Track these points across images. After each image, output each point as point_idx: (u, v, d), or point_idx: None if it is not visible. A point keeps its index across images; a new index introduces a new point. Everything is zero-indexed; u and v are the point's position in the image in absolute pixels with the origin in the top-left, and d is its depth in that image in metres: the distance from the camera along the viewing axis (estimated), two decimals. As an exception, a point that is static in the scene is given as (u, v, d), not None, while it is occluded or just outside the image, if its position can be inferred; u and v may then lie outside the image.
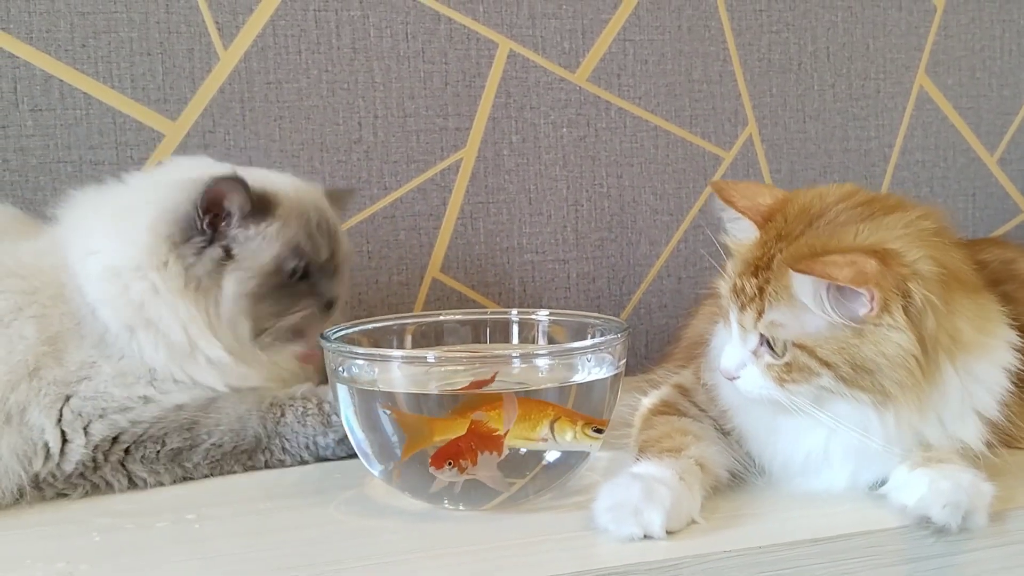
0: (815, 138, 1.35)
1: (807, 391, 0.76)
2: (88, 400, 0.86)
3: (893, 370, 0.74)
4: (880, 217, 0.78)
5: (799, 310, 0.75)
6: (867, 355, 0.74)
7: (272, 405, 0.92)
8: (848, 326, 0.74)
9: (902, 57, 1.37)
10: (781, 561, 0.73)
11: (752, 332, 0.78)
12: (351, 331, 0.88)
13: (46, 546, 0.76)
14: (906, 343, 0.74)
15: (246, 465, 0.91)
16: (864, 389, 0.75)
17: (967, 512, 0.74)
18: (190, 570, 0.71)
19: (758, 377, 0.77)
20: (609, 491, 0.75)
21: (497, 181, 1.25)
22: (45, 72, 1.09)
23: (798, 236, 0.78)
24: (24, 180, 1.09)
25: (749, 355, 0.78)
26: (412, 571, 0.69)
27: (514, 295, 1.26)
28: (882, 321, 0.74)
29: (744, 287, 0.78)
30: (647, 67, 1.28)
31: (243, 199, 0.92)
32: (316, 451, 0.92)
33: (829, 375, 0.75)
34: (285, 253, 0.94)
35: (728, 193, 0.84)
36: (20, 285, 0.89)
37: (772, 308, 0.76)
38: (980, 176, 1.43)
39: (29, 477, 0.84)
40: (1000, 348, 0.80)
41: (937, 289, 0.75)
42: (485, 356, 0.87)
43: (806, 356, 0.75)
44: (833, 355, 0.74)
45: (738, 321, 0.79)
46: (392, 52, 1.19)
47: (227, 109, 1.14)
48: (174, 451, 0.88)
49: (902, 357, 0.74)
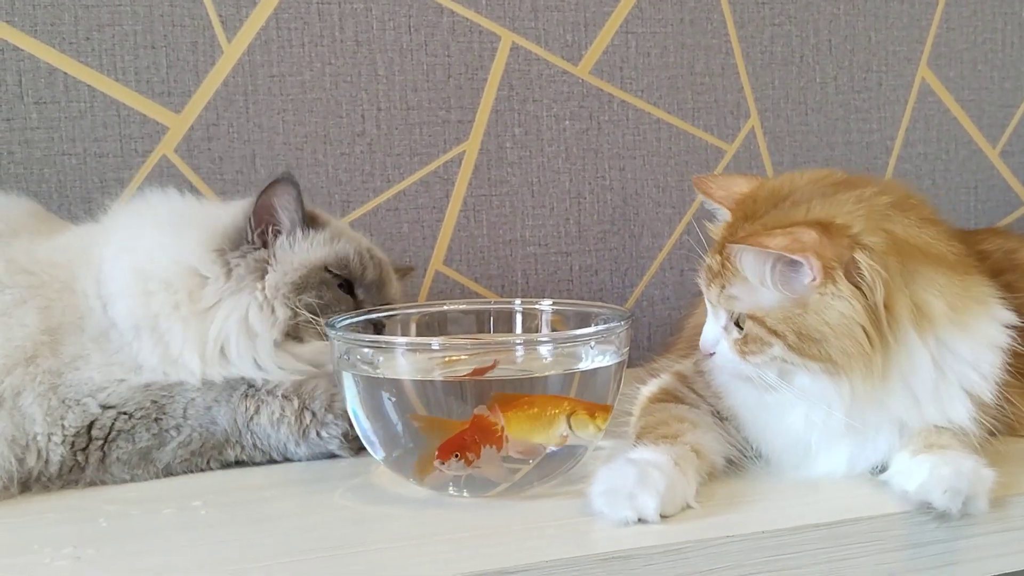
0: (817, 131, 1.35)
1: (767, 363, 0.78)
2: (71, 387, 0.87)
3: (838, 339, 0.76)
4: (836, 194, 0.81)
5: (749, 283, 0.78)
6: (811, 324, 0.76)
7: (245, 397, 0.90)
8: (793, 297, 0.76)
9: (904, 50, 1.38)
10: (784, 546, 0.73)
11: (719, 308, 0.81)
12: (356, 320, 0.88)
13: (53, 531, 0.77)
14: (849, 311, 0.75)
15: (218, 460, 0.89)
16: (813, 358, 0.77)
17: (968, 498, 0.74)
18: (196, 556, 0.71)
19: (728, 352, 0.80)
20: (604, 476, 0.76)
21: (500, 174, 1.25)
22: (49, 65, 1.09)
23: (762, 216, 0.81)
24: (29, 173, 1.10)
25: (721, 331, 0.81)
26: (416, 556, 0.70)
27: (517, 288, 1.27)
28: (825, 291, 0.75)
29: (711, 265, 0.82)
30: (649, 60, 1.28)
31: (295, 203, 0.94)
32: (285, 455, 0.91)
33: (779, 344, 0.77)
34: (332, 260, 0.95)
35: (706, 185, 0.88)
36: (28, 280, 0.90)
37: (731, 283, 0.79)
38: (982, 168, 1.43)
39: (22, 473, 0.84)
40: (987, 326, 0.81)
41: (888, 261, 0.77)
42: (489, 343, 0.87)
43: (757, 326, 0.78)
44: (780, 324, 0.77)
45: (707, 298, 0.82)
46: (395, 45, 1.19)
47: (231, 102, 1.14)
48: (143, 449, 0.87)
49: (846, 326, 0.75)
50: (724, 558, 0.71)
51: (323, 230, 0.96)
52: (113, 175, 1.11)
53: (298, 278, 0.93)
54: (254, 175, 1.15)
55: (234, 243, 0.93)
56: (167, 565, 0.70)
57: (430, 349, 0.82)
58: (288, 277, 0.93)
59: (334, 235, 0.97)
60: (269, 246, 0.94)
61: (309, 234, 0.95)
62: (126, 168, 1.12)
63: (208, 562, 0.70)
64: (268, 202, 0.94)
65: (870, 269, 0.75)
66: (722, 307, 0.80)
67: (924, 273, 0.78)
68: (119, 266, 0.91)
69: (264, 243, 0.94)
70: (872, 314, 0.76)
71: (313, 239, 0.95)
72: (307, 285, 0.93)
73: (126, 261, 0.91)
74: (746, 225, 0.81)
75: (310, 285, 0.93)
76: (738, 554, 0.72)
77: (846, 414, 0.78)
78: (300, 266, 0.94)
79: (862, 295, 0.75)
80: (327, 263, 0.95)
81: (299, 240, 0.95)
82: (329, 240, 0.96)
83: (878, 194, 0.81)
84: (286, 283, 0.92)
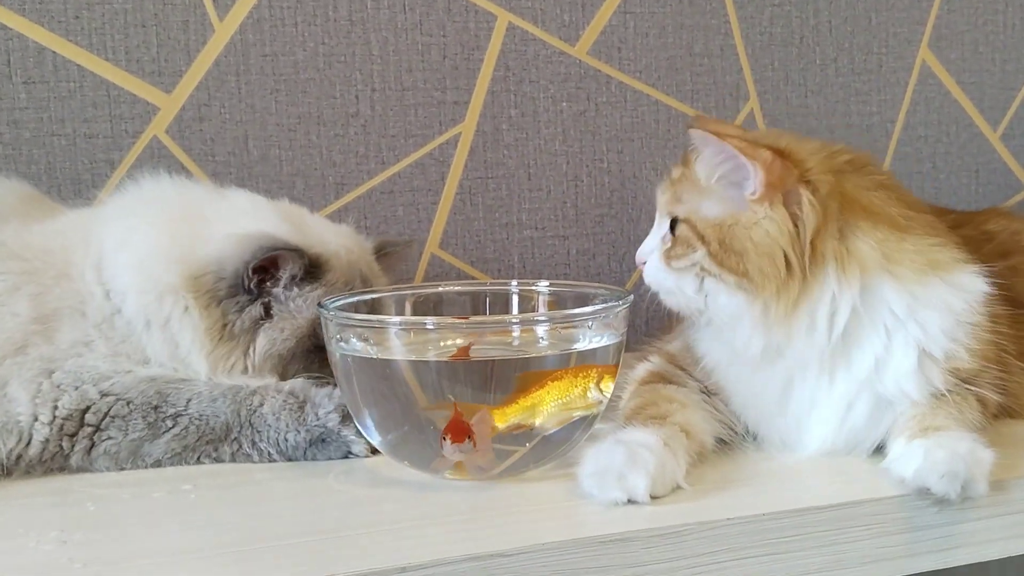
0: (817, 113, 1.34)
1: (687, 269, 0.81)
2: (71, 373, 0.85)
3: (758, 257, 0.79)
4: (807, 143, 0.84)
5: (699, 191, 0.82)
6: (738, 235, 0.79)
7: (254, 393, 0.88)
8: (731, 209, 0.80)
9: (905, 31, 1.36)
10: (785, 528, 0.72)
11: (665, 216, 0.85)
12: (350, 301, 0.87)
13: (39, 515, 0.75)
14: (775, 233, 0.78)
15: (211, 457, 0.86)
16: (731, 270, 0.79)
17: (966, 481, 0.73)
18: (186, 539, 0.70)
19: (656, 261, 0.84)
20: (593, 456, 0.75)
21: (496, 156, 1.23)
22: (38, 44, 1.07)
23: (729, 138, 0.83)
24: (17, 154, 1.08)
25: (658, 242, 0.85)
26: (411, 539, 0.68)
27: (513, 271, 1.25)
28: (759, 208, 0.79)
29: (673, 173, 0.87)
30: (648, 40, 1.27)
31: (297, 268, 0.91)
32: (286, 449, 0.86)
33: (703, 250, 0.80)
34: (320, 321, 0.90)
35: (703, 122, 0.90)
36: (21, 267, 0.88)
37: (683, 188, 0.84)
38: (983, 152, 1.42)
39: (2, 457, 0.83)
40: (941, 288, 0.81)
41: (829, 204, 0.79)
42: (485, 323, 0.86)
43: (688, 229, 0.81)
44: (708, 230, 0.80)
45: (658, 204, 0.87)
46: (389, 24, 1.18)
47: (222, 82, 1.13)
48: (134, 442, 0.84)
49: (768, 247, 0.78)
50: (723, 541, 0.70)
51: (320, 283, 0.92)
52: (103, 156, 1.10)
53: (285, 351, 0.90)
54: (246, 156, 1.14)
55: (229, 291, 0.90)
56: (157, 549, 0.68)
57: (424, 329, 0.80)
58: (276, 348, 0.90)
59: (328, 288, 0.92)
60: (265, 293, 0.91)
61: (304, 289, 0.91)
62: (116, 149, 1.10)
63: (199, 546, 0.69)
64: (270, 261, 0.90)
65: (808, 204, 0.79)
66: (666, 212, 0.84)
67: (862, 227, 0.81)
68: (123, 260, 0.89)
69: (261, 291, 0.91)
70: (796, 245, 0.78)
71: (308, 295, 0.91)
72: (293, 356, 0.91)
73: (130, 255, 0.89)
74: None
75: (296, 356, 0.91)
76: (738, 536, 0.71)
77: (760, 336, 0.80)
78: (290, 335, 0.91)
79: (792, 225, 0.78)
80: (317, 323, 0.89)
81: (294, 296, 0.91)
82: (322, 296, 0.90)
83: (841, 152, 0.84)
84: (274, 354, 0.90)
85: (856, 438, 0.82)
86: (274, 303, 0.91)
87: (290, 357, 0.91)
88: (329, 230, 0.99)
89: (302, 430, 0.86)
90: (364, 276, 0.97)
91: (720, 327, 0.82)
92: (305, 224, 0.97)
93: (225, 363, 0.90)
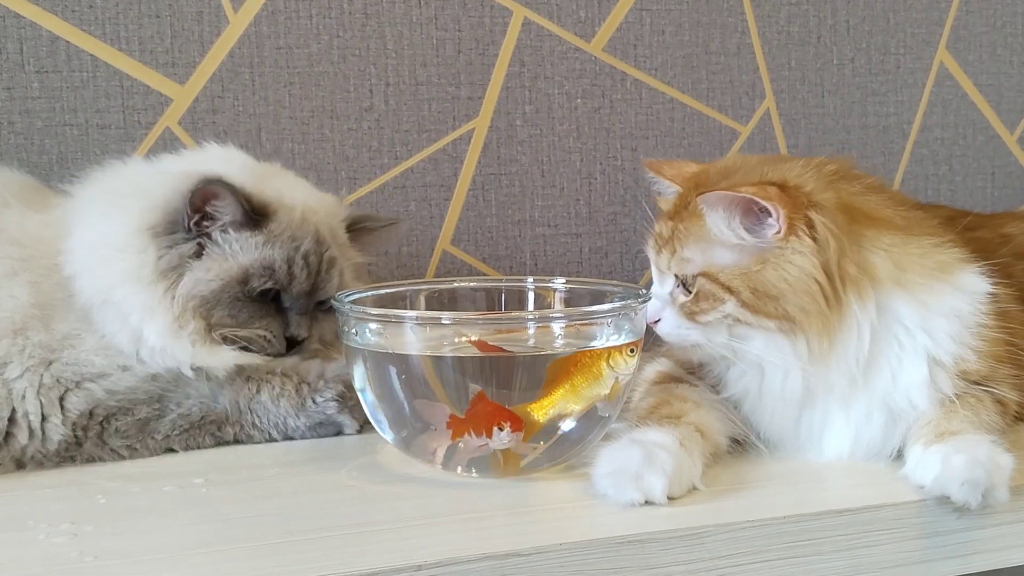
0: (833, 113, 1.33)
1: (716, 323, 0.78)
2: (68, 366, 0.84)
3: (796, 295, 0.76)
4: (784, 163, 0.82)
5: (707, 243, 0.79)
6: (769, 279, 0.76)
7: (249, 380, 0.88)
8: (753, 253, 0.77)
9: (923, 32, 1.35)
10: (804, 531, 0.71)
11: (667, 274, 0.82)
12: (364, 295, 0.86)
13: (50, 507, 0.75)
14: (808, 267, 0.76)
15: (215, 436, 0.88)
16: (769, 315, 0.76)
17: (987, 489, 0.71)
18: (197, 533, 0.69)
19: (673, 317, 0.81)
20: (608, 457, 0.74)
21: (510, 152, 1.22)
22: (51, 33, 1.06)
23: (712, 184, 0.81)
24: (29, 143, 1.07)
25: (667, 297, 0.82)
26: (425, 537, 0.68)
27: (525, 269, 1.24)
28: (787, 245, 0.76)
29: (661, 231, 0.83)
30: (664, 37, 1.26)
31: (234, 207, 0.88)
32: (286, 431, 0.89)
33: (733, 301, 0.77)
34: (255, 269, 0.88)
35: (658, 167, 0.90)
36: (18, 252, 0.88)
37: (684, 246, 0.80)
38: (999, 155, 1.41)
39: (13, 450, 0.82)
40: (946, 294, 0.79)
41: (838, 219, 0.77)
42: (501, 318, 0.85)
43: (711, 283, 0.78)
44: (735, 280, 0.77)
45: (656, 265, 0.83)
46: (404, 18, 1.17)
47: (236, 74, 1.12)
48: (142, 421, 0.85)
49: (804, 282, 0.76)
50: (743, 543, 0.69)
51: (261, 230, 0.89)
52: (115, 147, 1.09)
53: (209, 292, 0.87)
54: (259, 149, 1.13)
55: (168, 225, 0.88)
56: (167, 543, 0.67)
57: (440, 324, 0.79)
58: (199, 288, 0.87)
59: (271, 235, 0.89)
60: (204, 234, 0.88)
61: (244, 234, 0.88)
62: (129, 140, 1.10)
63: (210, 540, 0.68)
64: (207, 194, 0.87)
65: (823, 225, 0.76)
66: (672, 272, 0.81)
67: (868, 235, 0.79)
68: (75, 245, 0.88)
69: (200, 231, 0.88)
70: (827, 272, 0.76)
71: (246, 240, 0.88)
72: (218, 302, 0.87)
73: (78, 239, 0.88)
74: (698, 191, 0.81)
75: (222, 302, 0.88)
76: (757, 539, 0.70)
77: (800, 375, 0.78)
78: (215, 277, 0.87)
79: (820, 251, 0.76)
80: (250, 273, 0.88)
81: (233, 240, 0.88)
82: (262, 244, 0.89)
83: (823, 164, 0.83)
84: (196, 295, 0.87)
85: (872, 449, 0.80)
86: (208, 244, 0.88)
87: (215, 302, 0.87)
88: (299, 190, 0.96)
89: (302, 416, 0.88)
90: (320, 237, 0.92)
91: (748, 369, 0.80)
92: (270, 178, 0.95)
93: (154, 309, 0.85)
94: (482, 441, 0.74)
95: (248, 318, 0.89)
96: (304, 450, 0.88)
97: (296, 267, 0.90)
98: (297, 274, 0.90)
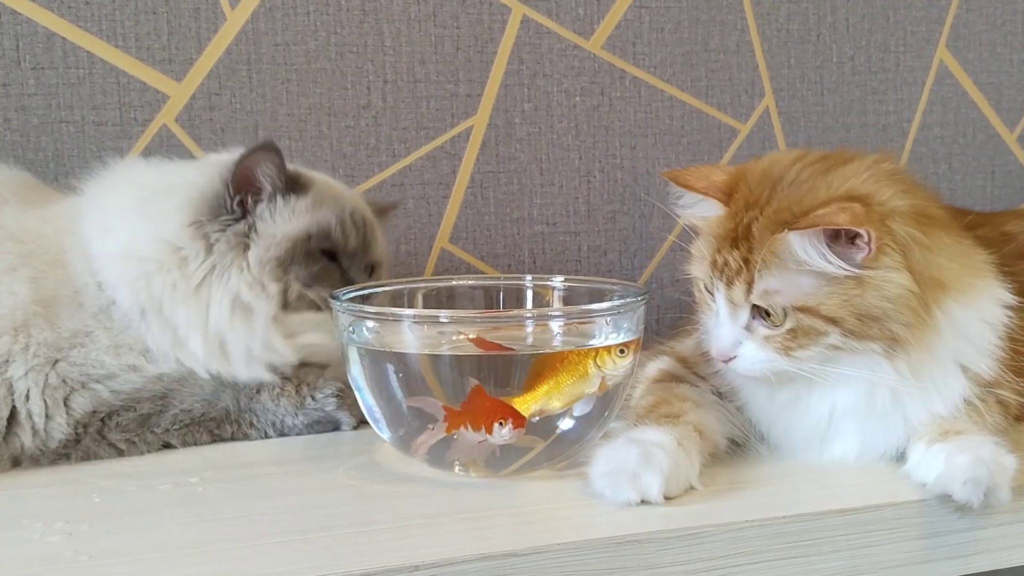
0: (833, 111, 1.32)
1: (815, 354, 0.74)
2: (76, 366, 0.84)
3: (899, 312, 0.73)
4: (840, 167, 0.78)
5: (792, 273, 0.73)
6: (872, 302, 0.73)
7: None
8: (849, 277, 0.72)
9: (922, 30, 1.35)
10: (804, 531, 0.70)
11: (743, 307, 0.75)
12: (362, 293, 0.85)
13: (44, 506, 0.74)
14: (906, 282, 0.73)
15: (213, 434, 0.88)
16: (874, 338, 0.74)
17: (989, 488, 0.71)
18: (192, 532, 0.69)
19: (756, 352, 0.76)
20: (605, 456, 0.74)
21: (508, 150, 1.22)
22: (47, 29, 1.06)
23: (767, 201, 0.76)
24: (25, 140, 1.07)
25: (742, 331, 0.76)
26: (423, 537, 0.67)
27: (524, 267, 1.24)
28: (879, 264, 0.73)
29: (727, 261, 0.76)
30: (663, 35, 1.25)
31: (277, 170, 0.90)
32: (283, 429, 0.90)
33: (837, 332, 0.73)
34: (314, 229, 0.91)
35: (683, 178, 0.83)
36: (18, 248, 0.87)
37: (763, 277, 0.74)
38: (999, 153, 1.40)
39: (12, 448, 0.82)
40: (985, 296, 0.78)
41: (915, 224, 0.75)
42: (499, 316, 0.84)
43: (810, 317, 0.73)
44: (838, 310, 0.73)
45: (727, 298, 0.76)
46: (403, 15, 1.16)
47: (233, 71, 1.11)
48: (143, 416, 0.86)
49: (904, 297, 0.73)
50: (742, 543, 0.69)
51: (305, 195, 0.92)
52: (112, 144, 1.08)
53: (283, 252, 0.89)
54: (257, 146, 1.12)
55: (213, 212, 0.89)
56: (162, 543, 0.67)
57: (438, 322, 0.79)
58: (272, 252, 0.89)
59: (316, 200, 0.92)
60: (249, 214, 0.90)
61: (290, 201, 0.91)
62: (125, 137, 1.09)
63: (205, 540, 0.67)
64: (249, 170, 0.89)
65: (907, 235, 0.73)
66: (750, 303, 0.75)
67: (935, 235, 0.76)
68: (107, 252, 0.88)
69: (244, 211, 0.90)
70: (918, 281, 0.73)
71: (295, 206, 0.91)
72: (293, 259, 0.90)
73: (112, 245, 0.88)
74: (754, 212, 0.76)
75: (296, 259, 0.90)
76: (756, 539, 0.69)
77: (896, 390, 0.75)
78: (284, 239, 0.90)
79: (907, 261, 0.73)
80: (310, 233, 0.91)
81: (280, 208, 0.91)
82: (311, 207, 0.92)
83: (878, 162, 0.79)
84: (271, 258, 0.89)
85: (879, 452, 0.80)
86: (259, 222, 0.90)
87: (289, 260, 0.89)
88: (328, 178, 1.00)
89: (300, 414, 0.89)
90: (355, 202, 0.97)
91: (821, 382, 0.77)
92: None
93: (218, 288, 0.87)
94: (480, 436, 0.73)
95: (321, 271, 0.91)
96: (301, 448, 0.87)
97: (347, 226, 0.93)
98: (349, 232, 0.93)
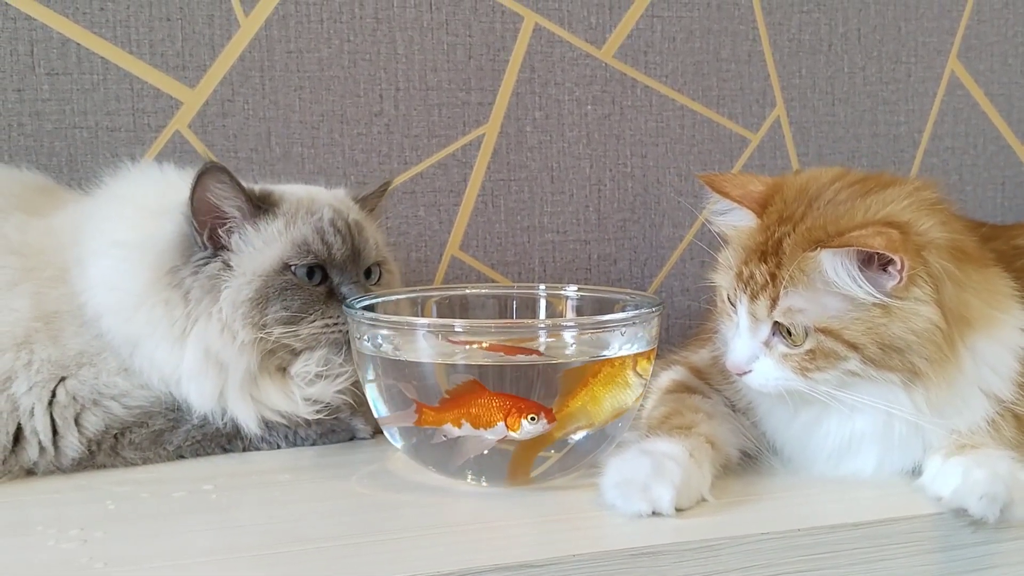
0: (844, 122, 1.32)
1: (832, 378, 0.73)
2: (87, 384, 0.83)
3: (922, 346, 0.72)
4: (880, 191, 0.76)
5: (819, 293, 0.72)
6: (896, 332, 0.72)
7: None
8: (876, 304, 0.71)
9: (934, 41, 1.34)
10: (820, 545, 0.70)
11: (765, 322, 0.75)
12: (375, 302, 0.85)
13: (59, 513, 0.74)
14: (934, 316, 0.71)
15: (224, 448, 0.87)
16: (893, 369, 0.72)
17: (1005, 504, 0.71)
18: (206, 539, 0.69)
19: (772, 369, 0.75)
20: (617, 467, 0.74)
21: (519, 158, 1.22)
22: (62, 35, 1.06)
23: (801, 217, 0.76)
24: (39, 145, 1.07)
25: (760, 347, 0.75)
26: (435, 547, 0.67)
27: (534, 275, 1.24)
28: (908, 294, 0.71)
29: (753, 275, 0.75)
30: (675, 44, 1.25)
31: (231, 190, 0.84)
32: (295, 441, 0.89)
33: (856, 358, 0.72)
34: (290, 252, 0.85)
35: (720, 184, 0.81)
36: (20, 263, 0.87)
37: (788, 294, 0.73)
38: (1010, 165, 1.40)
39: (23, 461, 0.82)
40: (1009, 327, 0.77)
41: (950, 258, 0.73)
42: (514, 326, 0.84)
43: (832, 340, 0.72)
44: (861, 336, 0.72)
45: (749, 312, 0.75)
46: (415, 23, 1.16)
47: (247, 78, 1.12)
48: (156, 432, 0.85)
49: (930, 331, 0.72)
50: (757, 556, 0.69)
51: (276, 216, 0.86)
52: (125, 150, 1.08)
53: (254, 292, 0.83)
54: (269, 153, 1.13)
55: (185, 254, 0.84)
56: (176, 550, 0.67)
57: (452, 331, 0.79)
58: (243, 293, 0.83)
59: (288, 219, 0.86)
60: (224, 247, 0.85)
61: (261, 226, 0.85)
62: (138, 143, 1.09)
63: (219, 547, 0.67)
64: (202, 199, 0.84)
65: (941, 268, 0.72)
66: (773, 319, 0.74)
67: (967, 271, 0.75)
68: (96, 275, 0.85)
69: (218, 245, 0.85)
70: (945, 316, 0.72)
71: (267, 232, 0.85)
72: (268, 297, 0.83)
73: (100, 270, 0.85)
74: (787, 228, 0.75)
75: (271, 296, 0.84)
76: (772, 552, 0.69)
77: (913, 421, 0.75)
78: (253, 276, 0.84)
79: (937, 295, 0.72)
80: (286, 258, 0.85)
81: (251, 238, 0.85)
82: (284, 229, 0.86)
83: (919, 189, 0.77)
84: (243, 300, 0.83)
85: (895, 468, 0.79)
86: (233, 256, 0.84)
87: (263, 301, 0.83)
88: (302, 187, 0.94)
89: (314, 424, 0.88)
90: (336, 207, 0.90)
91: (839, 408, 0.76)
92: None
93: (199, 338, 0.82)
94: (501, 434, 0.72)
95: (302, 304, 0.84)
96: (314, 456, 0.87)
97: (328, 234, 0.87)
98: (332, 240, 0.87)
